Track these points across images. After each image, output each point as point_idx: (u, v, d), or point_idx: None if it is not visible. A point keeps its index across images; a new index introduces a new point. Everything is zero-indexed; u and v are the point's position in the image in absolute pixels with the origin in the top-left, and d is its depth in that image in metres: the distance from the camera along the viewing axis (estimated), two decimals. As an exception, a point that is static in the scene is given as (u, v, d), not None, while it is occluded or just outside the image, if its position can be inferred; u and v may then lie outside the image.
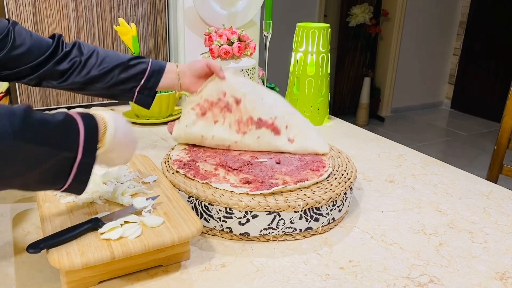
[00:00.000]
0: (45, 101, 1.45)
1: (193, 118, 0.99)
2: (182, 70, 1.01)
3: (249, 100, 0.97)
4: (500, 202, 0.97)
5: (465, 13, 4.73)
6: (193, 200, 0.80)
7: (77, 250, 0.63)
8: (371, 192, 1.00)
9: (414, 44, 4.63)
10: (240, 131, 0.98)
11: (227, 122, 0.98)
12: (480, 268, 0.74)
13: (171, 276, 0.70)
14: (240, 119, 0.98)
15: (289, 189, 0.81)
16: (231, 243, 0.79)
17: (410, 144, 3.79)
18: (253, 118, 0.97)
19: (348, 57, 4.58)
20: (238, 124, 0.98)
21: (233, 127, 0.98)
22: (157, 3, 1.55)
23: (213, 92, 0.98)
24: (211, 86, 0.98)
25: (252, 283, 0.69)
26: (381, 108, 4.76)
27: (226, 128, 0.98)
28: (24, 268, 0.70)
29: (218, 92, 0.98)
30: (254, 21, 1.59)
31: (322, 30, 1.39)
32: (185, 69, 1.01)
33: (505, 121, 1.41)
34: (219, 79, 0.98)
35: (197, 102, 0.99)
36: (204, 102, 0.98)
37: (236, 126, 0.98)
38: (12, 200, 0.90)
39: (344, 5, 4.36)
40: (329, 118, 1.52)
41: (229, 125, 0.98)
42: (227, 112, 0.98)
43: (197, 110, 0.99)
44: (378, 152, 1.24)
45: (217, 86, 0.98)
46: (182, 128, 0.99)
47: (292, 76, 1.47)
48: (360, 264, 0.74)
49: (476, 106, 4.74)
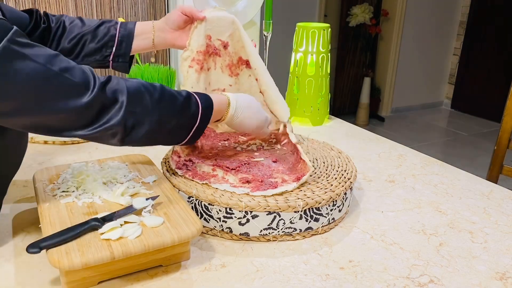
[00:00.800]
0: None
1: (195, 76, 0.96)
2: (160, 27, 0.96)
3: (236, 40, 0.97)
4: (500, 202, 0.97)
5: (465, 13, 4.73)
6: (193, 200, 0.80)
7: (77, 250, 0.63)
8: (371, 192, 1.00)
9: (414, 44, 4.62)
10: (233, 74, 0.98)
11: (218, 66, 0.98)
12: (480, 268, 0.74)
13: (171, 276, 0.69)
14: (230, 62, 0.98)
15: (289, 189, 0.81)
16: (231, 243, 0.79)
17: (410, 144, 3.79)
18: (242, 58, 0.97)
19: (348, 57, 4.58)
20: (230, 68, 0.98)
21: (226, 72, 0.98)
22: (157, 3, 1.55)
23: (200, 40, 0.95)
24: (197, 34, 0.95)
25: (252, 283, 0.69)
26: (381, 108, 4.76)
27: (218, 72, 0.98)
28: (24, 268, 0.70)
29: (205, 37, 0.96)
30: (254, 21, 1.59)
31: (322, 30, 1.39)
32: (162, 25, 0.97)
33: (505, 121, 1.41)
34: (201, 23, 0.94)
35: (191, 57, 0.96)
36: (197, 55, 0.96)
37: (228, 71, 0.98)
38: (12, 200, 0.90)
39: (344, 5, 4.36)
40: (329, 118, 1.52)
41: (221, 70, 0.98)
42: (217, 56, 0.97)
43: (195, 66, 0.96)
44: (378, 152, 1.24)
45: (200, 31, 0.95)
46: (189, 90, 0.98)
47: (292, 76, 1.47)
48: (360, 264, 0.74)
49: (476, 106, 4.73)
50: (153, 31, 0.96)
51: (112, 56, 0.96)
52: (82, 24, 0.95)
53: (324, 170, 0.92)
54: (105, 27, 0.95)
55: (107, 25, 0.96)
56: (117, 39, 0.95)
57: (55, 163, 1.07)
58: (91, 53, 0.95)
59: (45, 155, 1.13)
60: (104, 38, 0.94)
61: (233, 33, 0.97)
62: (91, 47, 0.94)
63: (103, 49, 0.95)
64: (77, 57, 0.95)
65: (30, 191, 0.94)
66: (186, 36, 0.97)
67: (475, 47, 4.71)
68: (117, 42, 0.95)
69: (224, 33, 0.96)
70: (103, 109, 0.68)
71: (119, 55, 0.96)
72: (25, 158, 1.11)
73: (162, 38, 0.97)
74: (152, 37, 0.96)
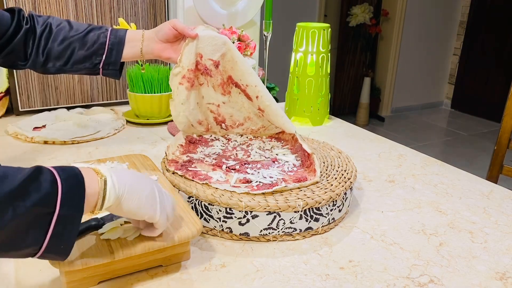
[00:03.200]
0: (45, 101, 1.45)
1: (185, 93, 0.96)
2: (149, 36, 0.95)
3: (227, 60, 0.97)
4: (500, 202, 0.97)
5: (465, 13, 4.73)
6: (193, 200, 0.80)
7: (77, 250, 0.63)
8: (371, 192, 1.00)
9: (414, 44, 4.63)
10: (226, 93, 0.99)
11: (211, 85, 0.99)
12: (480, 268, 0.74)
13: (171, 276, 0.69)
14: (222, 81, 0.98)
15: (289, 188, 0.81)
16: (231, 243, 0.79)
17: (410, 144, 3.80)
18: (232, 78, 0.98)
19: (348, 57, 4.58)
20: (222, 87, 0.98)
21: (218, 91, 0.99)
22: (157, 3, 1.55)
23: (192, 58, 0.95)
24: (188, 51, 0.94)
25: (252, 283, 0.69)
26: (381, 108, 4.76)
27: (211, 89, 0.99)
28: (24, 268, 0.70)
29: (196, 55, 0.95)
30: (254, 21, 1.59)
31: (322, 30, 1.39)
32: (151, 34, 0.95)
33: (505, 121, 1.41)
34: (192, 41, 0.94)
35: (182, 74, 0.95)
36: (187, 72, 0.95)
37: (221, 90, 0.98)
38: (12, 200, 0.90)
39: (344, 5, 4.36)
40: (329, 118, 1.52)
41: (213, 89, 0.99)
42: (208, 76, 0.98)
43: (185, 84, 0.96)
44: (378, 152, 1.24)
45: (192, 49, 0.94)
46: (178, 106, 0.97)
47: (292, 76, 1.47)
48: (360, 264, 0.74)
49: (476, 106, 4.74)
50: (142, 40, 0.95)
51: (102, 64, 0.95)
52: (70, 27, 0.94)
53: (324, 170, 0.92)
54: (95, 34, 0.94)
55: (97, 32, 0.94)
56: (107, 46, 0.94)
57: (55, 163, 1.07)
58: (81, 60, 0.94)
59: (45, 155, 1.13)
60: (94, 46, 0.93)
61: (225, 53, 0.96)
62: (80, 54, 0.93)
63: (92, 56, 0.94)
64: (66, 63, 0.94)
65: (30, 191, 0.94)
66: (173, 50, 0.96)
67: (475, 47, 4.71)
68: (107, 50, 0.94)
69: (215, 52, 0.96)
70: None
71: (109, 63, 0.95)
72: (25, 158, 1.11)
73: (150, 48, 0.96)
74: (140, 46, 0.95)
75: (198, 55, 0.95)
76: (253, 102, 0.99)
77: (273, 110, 0.99)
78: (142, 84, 1.34)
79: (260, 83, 0.99)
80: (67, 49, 0.92)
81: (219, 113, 1.02)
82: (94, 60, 0.94)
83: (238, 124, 1.03)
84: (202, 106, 1.00)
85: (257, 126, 1.04)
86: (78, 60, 0.94)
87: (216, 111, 1.02)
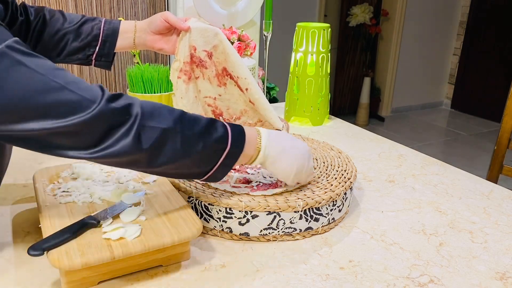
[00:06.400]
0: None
1: (183, 87, 0.97)
2: (141, 28, 0.96)
3: (220, 52, 0.97)
4: (500, 202, 0.97)
5: (465, 13, 4.73)
6: (193, 200, 0.80)
7: (77, 250, 0.63)
8: (371, 192, 1.00)
9: (414, 44, 4.62)
10: (221, 84, 0.98)
11: (206, 77, 0.98)
12: (480, 268, 0.74)
13: (171, 276, 0.69)
14: (217, 72, 0.98)
15: (289, 190, 0.81)
16: (231, 243, 0.79)
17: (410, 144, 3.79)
18: (226, 69, 0.98)
19: (348, 57, 4.58)
20: (217, 78, 0.98)
21: (214, 83, 0.98)
22: (157, 3, 1.55)
23: (186, 51, 0.95)
24: (182, 45, 0.95)
25: (252, 283, 0.69)
26: (381, 108, 4.76)
27: (207, 82, 0.98)
28: (24, 268, 0.70)
29: (190, 48, 0.96)
30: (254, 21, 1.59)
31: (322, 30, 1.39)
32: (144, 26, 0.96)
33: (505, 121, 1.41)
34: (185, 34, 0.94)
35: (179, 68, 0.96)
36: (184, 66, 0.96)
37: (217, 81, 0.98)
38: (12, 200, 0.90)
39: (344, 5, 4.36)
40: (329, 118, 1.52)
41: (209, 81, 0.98)
42: (203, 68, 0.98)
43: (183, 77, 0.97)
44: (378, 152, 1.24)
45: (185, 42, 0.95)
46: (179, 101, 0.98)
47: (292, 76, 1.47)
48: (360, 264, 0.74)
49: (476, 106, 4.73)
50: (135, 31, 0.96)
51: (95, 56, 0.95)
52: (63, 19, 0.93)
53: (324, 170, 0.92)
54: (89, 26, 0.94)
55: (91, 24, 0.94)
56: (100, 38, 0.94)
57: (55, 163, 1.07)
58: (74, 52, 0.94)
59: (45, 155, 1.12)
60: (88, 38, 0.93)
61: (217, 45, 0.96)
62: (74, 46, 0.93)
63: (86, 48, 0.94)
64: (59, 55, 0.94)
65: (30, 191, 0.94)
66: (165, 41, 0.96)
67: (475, 47, 4.71)
68: (101, 41, 0.94)
69: (207, 44, 0.96)
70: (111, 128, 0.61)
71: (102, 54, 0.95)
72: (25, 158, 1.11)
73: (142, 39, 0.96)
74: (133, 37, 0.96)
75: (192, 48, 0.96)
76: (245, 94, 0.99)
77: (261, 104, 0.99)
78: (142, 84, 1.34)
79: (250, 76, 0.98)
80: (61, 40, 0.92)
81: (216, 106, 1.02)
82: (88, 51, 0.94)
83: (235, 117, 1.03)
84: (200, 100, 1.01)
85: (254, 120, 1.04)
86: (71, 51, 0.93)
87: (213, 104, 1.02)
